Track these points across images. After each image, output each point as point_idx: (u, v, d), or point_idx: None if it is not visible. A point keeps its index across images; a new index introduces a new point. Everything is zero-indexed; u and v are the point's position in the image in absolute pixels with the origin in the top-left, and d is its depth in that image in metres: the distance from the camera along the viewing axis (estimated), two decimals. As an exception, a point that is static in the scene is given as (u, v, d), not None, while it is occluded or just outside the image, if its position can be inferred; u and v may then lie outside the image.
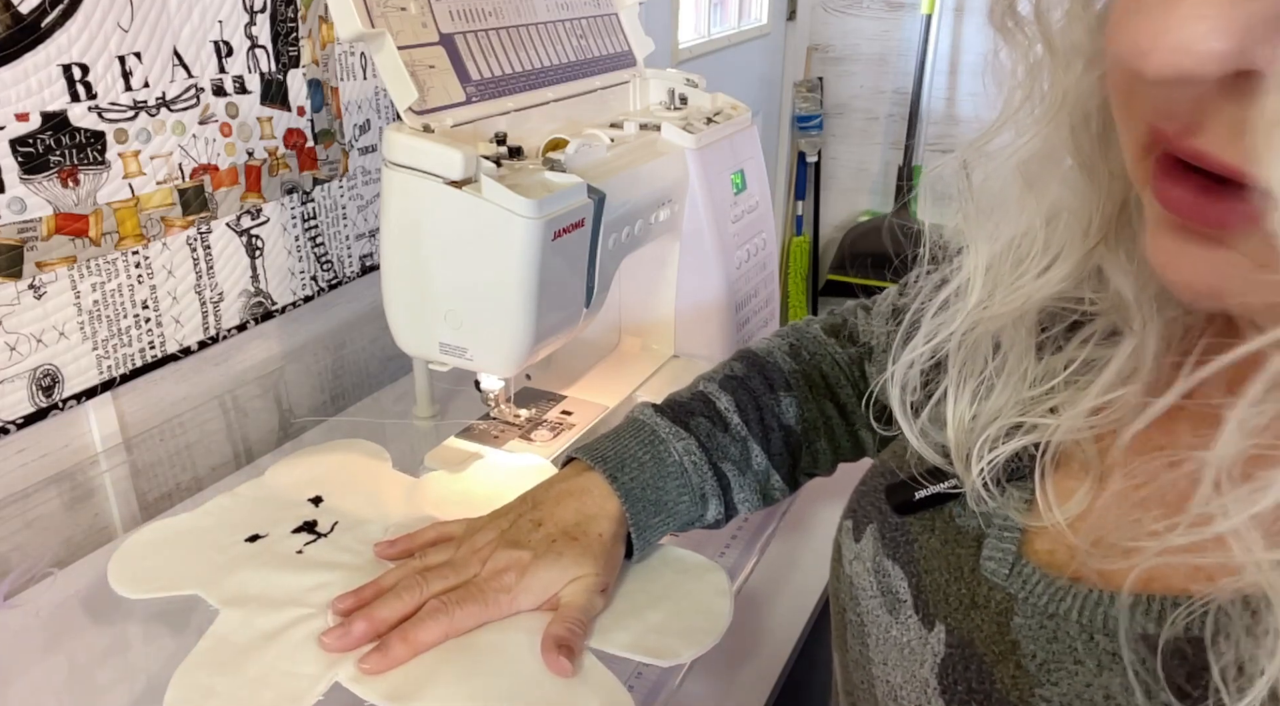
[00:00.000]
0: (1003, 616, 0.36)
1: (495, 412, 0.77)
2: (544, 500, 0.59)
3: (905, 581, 0.42)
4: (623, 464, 0.59)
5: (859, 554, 0.45)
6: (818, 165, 2.56)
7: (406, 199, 0.63)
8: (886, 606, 0.42)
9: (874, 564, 0.44)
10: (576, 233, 0.65)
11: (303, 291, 0.94)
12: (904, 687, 0.40)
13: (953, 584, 0.39)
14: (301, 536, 0.65)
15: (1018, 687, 0.34)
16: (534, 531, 0.56)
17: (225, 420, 0.90)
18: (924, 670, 0.39)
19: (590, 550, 0.56)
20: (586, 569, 0.55)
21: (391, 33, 0.63)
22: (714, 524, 0.63)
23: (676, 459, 0.60)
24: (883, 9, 2.41)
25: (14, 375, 0.69)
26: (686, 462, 0.60)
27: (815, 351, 0.67)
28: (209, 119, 0.80)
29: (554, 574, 0.54)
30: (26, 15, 0.65)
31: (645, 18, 0.94)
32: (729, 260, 0.84)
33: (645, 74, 0.89)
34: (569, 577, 0.55)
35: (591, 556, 0.55)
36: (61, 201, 0.70)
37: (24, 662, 0.62)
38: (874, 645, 0.43)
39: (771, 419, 0.63)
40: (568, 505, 0.58)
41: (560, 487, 0.59)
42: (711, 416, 0.62)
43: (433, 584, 0.54)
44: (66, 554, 0.75)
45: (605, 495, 0.58)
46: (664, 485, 0.59)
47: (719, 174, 0.83)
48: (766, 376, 0.65)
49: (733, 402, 0.63)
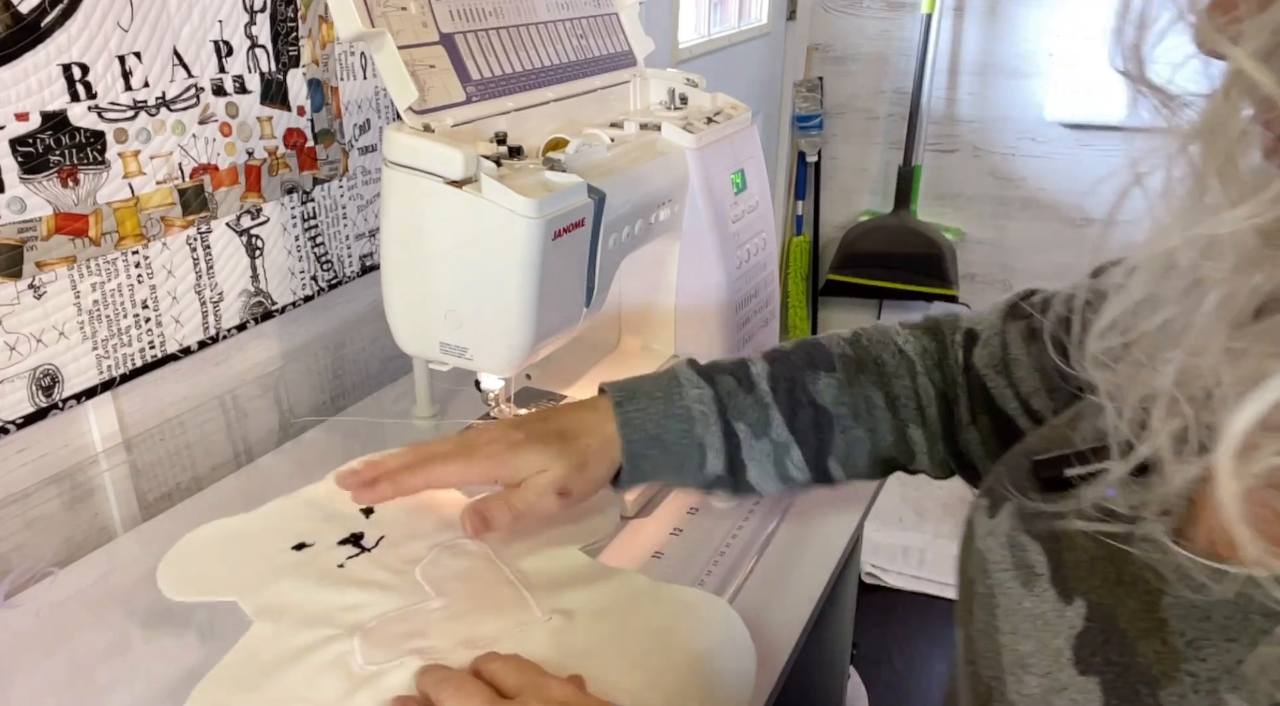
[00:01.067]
0: (1151, 595, 0.36)
1: (495, 412, 0.77)
2: (558, 408, 0.66)
3: (1043, 556, 0.42)
4: (633, 396, 0.64)
5: (993, 529, 0.46)
6: (818, 165, 2.55)
7: (406, 199, 0.63)
8: (1019, 579, 0.42)
9: (1009, 539, 0.44)
10: (576, 232, 0.65)
11: (303, 291, 0.94)
12: (1034, 656, 0.40)
13: (1098, 562, 0.39)
14: (346, 549, 0.64)
15: (1161, 662, 0.34)
16: (536, 423, 0.63)
17: (225, 420, 0.90)
18: (1058, 640, 0.39)
19: (568, 452, 0.61)
20: (556, 467, 0.60)
21: (391, 32, 0.63)
22: (719, 483, 0.65)
23: (686, 404, 0.63)
24: (883, 9, 2.41)
25: (14, 375, 0.69)
26: (695, 410, 0.63)
27: (877, 339, 0.67)
28: (209, 119, 0.80)
29: (530, 457, 0.61)
30: (26, 15, 0.65)
31: (645, 18, 0.94)
32: (729, 260, 0.84)
33: (645, 74, 0.89)
34: (538, 467, 0.61)
35: (566, 458, 0.61)
36: (61, 201, 0.70)
37: (24, 662, 0.62)
38: (1003, 615, 0.43)
39: (802, 393, 0.63)
40: (572, 414, 0.64)
41: (576, 402, 0.66)
42: (740, 377, 0.64)
43: (433, 445, 0.63)
44: (66, 554, 0.75)
45: (606, 416, 0.63)
46: (666, 424, 0.63)
47: (719, 174, 0.83)
48: (811, 356, 0.65)
49: (766, 370, 0.64)
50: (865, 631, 1.80)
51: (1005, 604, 0.43)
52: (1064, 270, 2.43)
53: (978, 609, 0.45)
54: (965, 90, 2.39)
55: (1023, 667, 0.40)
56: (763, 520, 0.78)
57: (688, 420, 0.63)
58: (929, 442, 0.66)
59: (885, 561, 1.96)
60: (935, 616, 1.86)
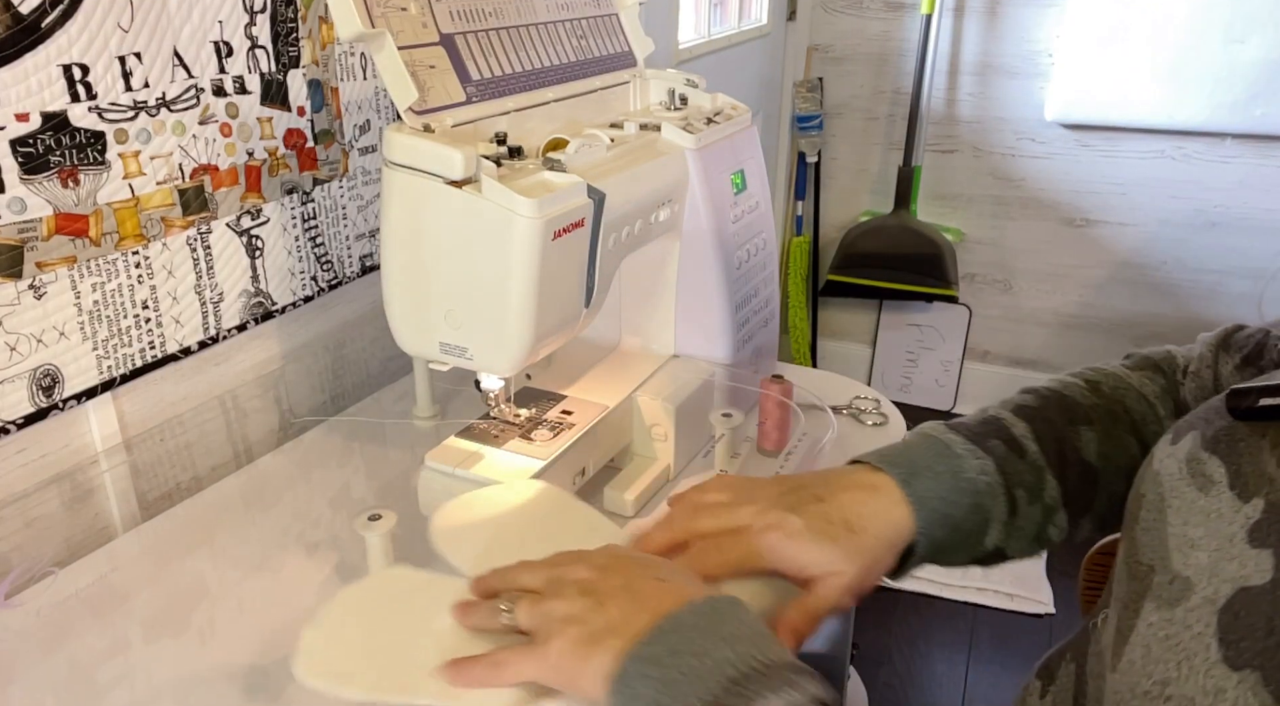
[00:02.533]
0: None
1: (495, 412, 0.77)
2: (831, 484, 0.56)
3: (1223, 468, 0.45)
4: (916, 472, 0.56)
5: (1172, 453, 0.48)
6: (818, 165, 2.56)
7: (407, 199, 0.63)
8: (1196, 485, 0.45)
9: (1188, 455, 0.47)
10: (576, 232, 0.65)
11: (303, 291, 0.94)
12: (1204, 539, 0.43)
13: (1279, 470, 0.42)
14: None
15: None
16: (813, 504, 0.54)
17: (225, 420, 0.90)
18: (1232, 528, 0.42)
19: (862, 549, 0.53)
20: (850, 567, 0.52)
21: (392, 33, 0.63)
22: (990, 558, 0.58)
23: (971, 476, 0.56)
24: (883, 9, 2.41)
25: (14, 375, 0.69)
26: (980, 482, 0.56)
27: (1116, 386, 0.63)
28: (209, 119, 0.80)
29: (817, 555, 0.52)
30: (26, 15, 0.65)
31: (645, 18, 0.94)
32: (729, 260, 0.84)
33: (645, 74, 0.89)
34: (831, 569, 0.52)
35: (860, 555, 0.53)
36: (61, 201, 0.70)
37: (24, 662, 0.62)
38: (1173, 512, 0.46)
39: (1071, 452, 0.59)
40: (855, 496, 0.55)
41: (849, 479, 0.56)
42: (1008, 441, 0.58)
43: (702, 520, 0.55)
44: (66, 554, 0.75)
45: (896, 500, 0.55)
46: (958, 500, 0.56)
47: (719, 174, 0.83)
48: (1066, 408, 0.61)
49: (1029, 431, 0.59)
50: (865, 631, 1.80)
51: (1177, 504, 0.45)
52: (1064, 270, 2.44)
53: (1145, 512, 0.47)
54: (965, 90, 2.39)
55: (1191, 546, 0.43)
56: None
57: (974, 494, 0.56)
58: None
59: (885, 561, 1.96)
60: (935, 616, 1.86)
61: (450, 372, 0.75)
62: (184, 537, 0.76)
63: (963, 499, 0.56)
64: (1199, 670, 0.39)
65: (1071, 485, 0.59)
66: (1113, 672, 0.46)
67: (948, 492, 0.55)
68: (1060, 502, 0.59)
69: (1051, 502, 0.58)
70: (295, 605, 0.68)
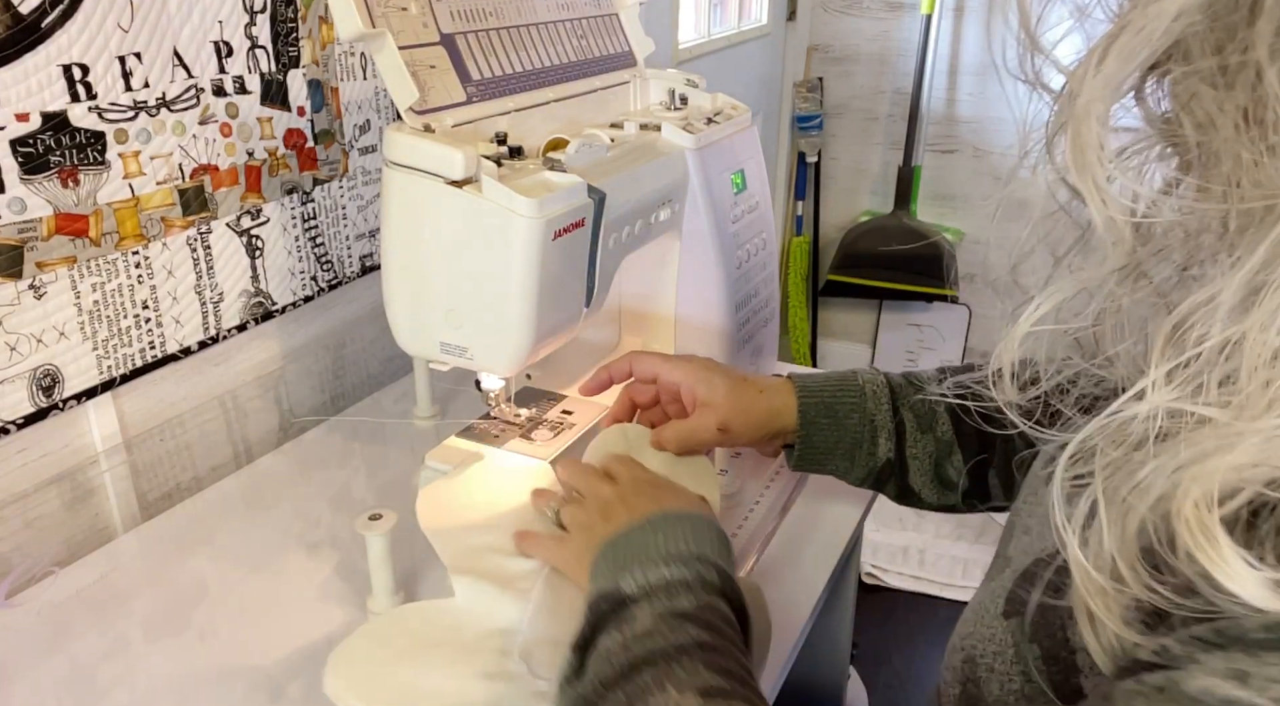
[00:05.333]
0: None
1: (495, 412, 0.77)
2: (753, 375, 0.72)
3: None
4: (811, 375, 0.70)
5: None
6: (818, 165, 2.55)
7: (407, 199, 0.63)
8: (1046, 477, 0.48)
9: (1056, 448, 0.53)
10: (576, 232, 0.65)
11: (303, 291, 0.94)
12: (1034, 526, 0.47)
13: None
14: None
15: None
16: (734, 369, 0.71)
17: (225, 420, 0.90)
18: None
19: (743, 396, 0.67)
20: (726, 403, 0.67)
21: (392, 33, 0.63)
22: (888, 473, 0.67)
23: (858, 383, 0.68)
24: (883, 9, 2.41)
25: (14, 375, 0.69)
26: (868, 389, 0.67)
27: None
28: (209, 119, 0.80)
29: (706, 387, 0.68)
30: (26, 15, 0.65)
31: (645, 18, 0.94)
32: (729, 260, 0.84)
33: (645, 74, 0.89)
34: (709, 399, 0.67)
35: (739, 400, 0.67)
36: (61, 201, 0.70)
37: (24, 662, 0.62)
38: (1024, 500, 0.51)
39: (974, 400, 0.62)
40: (761, 377, 0.71)
41: (768, 376, 0.72)
42: (909, 376, 0.68)
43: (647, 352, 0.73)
44: (67, 554, 0.75)
45: (789, 389, 0.69)
46: (841, 397, 0.67)
47: (719, 174, 0.83)
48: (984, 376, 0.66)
49: (935, 375, 0.67)
50: (865, 631, 1.80)
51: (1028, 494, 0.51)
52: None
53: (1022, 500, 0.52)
54: (965, 90, 2.39)
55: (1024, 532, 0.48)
56: (763, 520, 0.78)
57: (860, 395, 0.67)
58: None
59: (885, 561, 1.96)
60: (935, 616, 1.86)
61: (450, 372, 0.75)
62: (184, 538, 0.76)
63: (846, 396, 0.67)
64: (986, 623, 0.45)
65: (967, 429, 0.64)
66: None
67: (832, 388, 0.68)
68: (955, 442, 0.64)
69: (945, 437, 0.64)
70: (295, 605, 0.68)
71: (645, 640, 0.44)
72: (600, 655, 0.45)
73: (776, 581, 0.71)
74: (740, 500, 0.80)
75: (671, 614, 0.46)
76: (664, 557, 0.49)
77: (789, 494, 0.82)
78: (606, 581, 0.49)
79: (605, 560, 0.52)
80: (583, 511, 0.60)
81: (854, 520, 0.79)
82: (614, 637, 0.46)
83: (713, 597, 0.48)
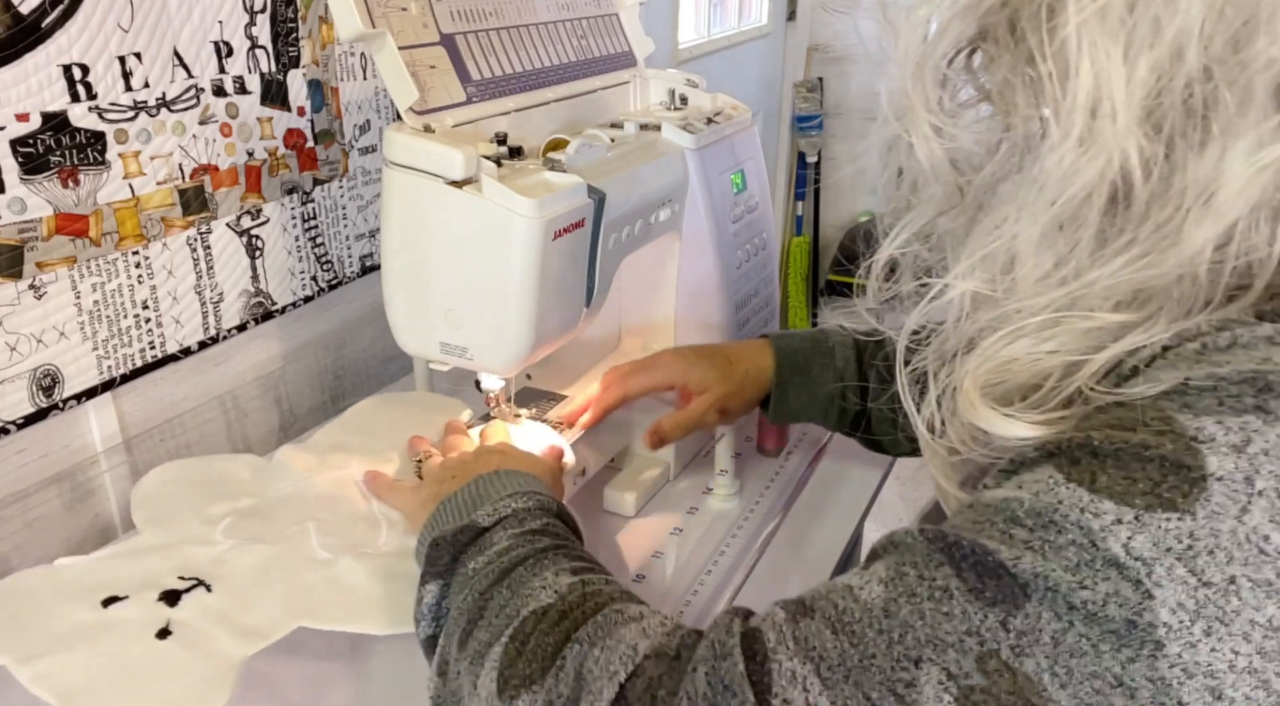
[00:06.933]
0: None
1: (495, 412, 0.77)
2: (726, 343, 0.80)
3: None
4: (785, 334, 0.77)
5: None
6: (818, 165, 2.56)
7: (407, 199, 0.63)
8: None
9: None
10: (576, 233, 0.65)
11: (303, 291, 0.94)
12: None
13: None
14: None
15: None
16: (707, 349, 0.76)
17: (225, 420, 0.90)
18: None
19: (732, 375, 0.73)
20: (720, 386, 0.73)
21: (392, 33, 0.63)
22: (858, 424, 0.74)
23: (829, 342, 0.75)
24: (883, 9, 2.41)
25: (14, 375, 0.69)
26: (835, 342, 0.74)
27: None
28: (209, 119, 0.80)
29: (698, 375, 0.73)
30: (27, 15, 0.65)
31: (645, 18, 0.94)
32: (729, 260, 0.84)
33: (645, 74, 0.89)
34: (704, 386, 0.73)
35: (729, 380, 0.73)
36: (62, 201, 0.70)
37: (24, 662, 0.62)
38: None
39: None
40: (737, 345, 0.78)
41: (741, 342, 0.79)
42: (871, 333, 0.74)
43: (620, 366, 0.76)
44: (66, 554, 0.75)
45: (766, 350, 0.75)
46: (813, 354, 0.74)
47: (719, 174, 0.83)
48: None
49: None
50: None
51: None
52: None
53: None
54: (965, 90, 2.39)
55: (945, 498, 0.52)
56: (763, 520, 0.78)
57: (827, 351, 0.74)
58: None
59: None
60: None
61: (450, 372, 0.75)
62: (184, 537, 0.76)
63: (817, 356, 0.75)
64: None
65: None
66: None
67: (804, 345, 0.75)
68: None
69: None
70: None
71: (508, 554, 0.52)
72: (467, 576, 0.52)
73: (776, 582, 0.71)
74: (741, 500, 0.80)
75: (524, 533, 0.54)
76: (510, 495, 0.57)
77: (789, 493, 0.82)
78: (459, 519, 0.56)
79: (452, 504, 0.59)
80: (435, 469, 0.67)
81: (854, 520, 0.79)
82: (478, 559, 0.52)
83: (552, 519, 0.56)
